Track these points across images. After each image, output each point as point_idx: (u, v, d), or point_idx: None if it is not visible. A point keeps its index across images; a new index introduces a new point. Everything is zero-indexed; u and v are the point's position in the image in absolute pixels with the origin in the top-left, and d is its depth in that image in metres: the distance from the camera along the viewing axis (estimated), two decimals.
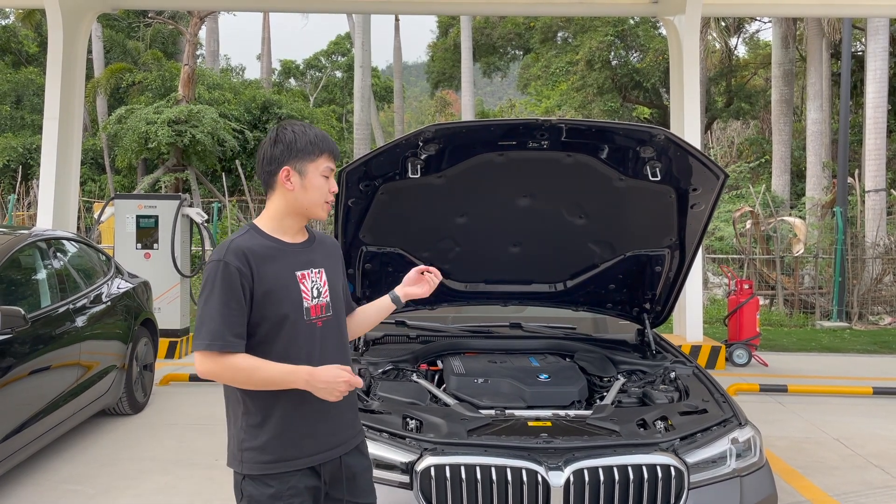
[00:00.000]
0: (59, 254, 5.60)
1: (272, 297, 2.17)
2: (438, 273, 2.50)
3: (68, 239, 5.98)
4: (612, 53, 23.80)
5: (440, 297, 4.56)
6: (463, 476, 2.91)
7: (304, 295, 2.23)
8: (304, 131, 2.25)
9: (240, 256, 2.15)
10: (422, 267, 2.51)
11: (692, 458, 3.02)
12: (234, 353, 2.11)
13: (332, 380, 2.12)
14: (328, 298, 2.30)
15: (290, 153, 2.22)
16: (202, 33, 24.01)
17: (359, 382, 2.16)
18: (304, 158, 2.22)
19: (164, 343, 8.22)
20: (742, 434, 3.21)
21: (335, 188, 2.29)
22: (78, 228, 11.47)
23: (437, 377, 4.10)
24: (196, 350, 2.13)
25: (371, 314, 2.55)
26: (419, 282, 2.49)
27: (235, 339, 2.12)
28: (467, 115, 23.91)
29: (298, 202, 2.24)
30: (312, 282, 2.26)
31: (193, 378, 7.34)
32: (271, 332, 2.19)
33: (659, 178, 3.73)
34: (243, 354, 2.13)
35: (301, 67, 38.22)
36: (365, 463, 2.41)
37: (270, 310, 2.17)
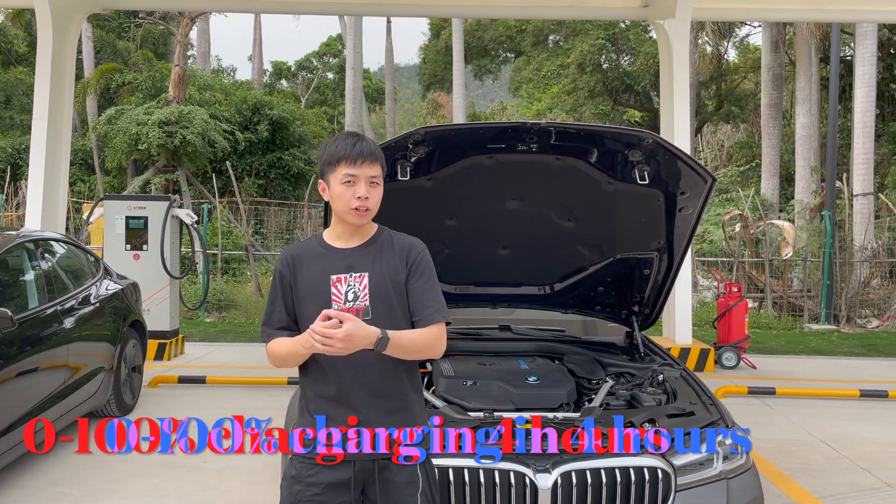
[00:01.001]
0: (47, 255, 5.58)
1: (304, 298, 2.35)
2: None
3: (56, 240, 5.95)
4: (604, 57, 23.90)
5: None
6: (451, 478, 2.92)
7: (334, 298, 2.31)
8: (331, 144, 2.35)
9: (285, 261, 2.40)
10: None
11: (679, 461, 3.04)
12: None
13: (310, 334, 2.13)
14: (367, 302, 2.31)
15: (321, 166, 2.38)
16: (193, 34, 23.94)
17: (331, 340, 2.08)
18: (327, 170, 2.34)
19: (153, 345, 8.20)
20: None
21: (362, 192, 2.28)
22: (67, 229, 11.42)
23: (426, 379, 4.10)
24: None
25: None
26: None
27: (277, 331, 2.37)
28: (459, 117, 23.94)
29: (335, 211, 2.36)
30: (349, 286, 2.32)
31: (182, 380, 7.33)
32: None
33: (647, 182, 3.76)
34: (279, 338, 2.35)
35: (292, 69, 38.18)
36: (405, 477, 2.32)
37: (303, 309, 2.34)
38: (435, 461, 2.92)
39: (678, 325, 8.52)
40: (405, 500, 2.32)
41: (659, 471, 2.96)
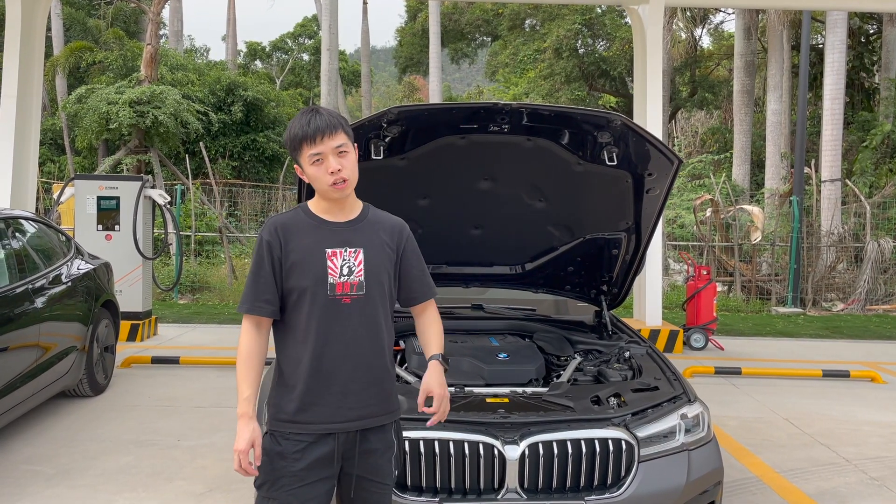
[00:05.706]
0: (17, 234, 5.53)
1: (296, 269, 2.31)
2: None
3: (27, 219, 5.90)
4: (580, 42, 23.94)
5: None
6: (422, 450, 2.99)
7: (329, 271, 2.31)
8: (290, 127, 2.33)
9: (273, 231, 2.34)
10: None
11: (642, 433, 3.13)
12: (261, 318, 2.33)
13: (235, 447, 2.26)
14: (361, 278, 2.34)
15: (289, 153, 2.38)
16: (165, 13, 23.55)
17: (245, 471, 2.25)
18: (295, 155, 2.35)
19: (125, 326, 8.16)
20: (691, 410, 3.33)
21: (333, 167, 2.28)
22: (37, 210, 11.24)
23: (399, 356, 4.17)
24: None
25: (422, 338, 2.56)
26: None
27: (262, 304, 2.32)
28: (435, 100, 23.89)
29: (317, 190, 2.37)
30: (344, 260, 2.33)
31: (155, 360, 7.32)
32: (295, 303, 2.33)
33: (616, 163, 3.83)
34: (261, 342, 2.34)
35: (267, 49, 37.72)
36: (386, 442, 2.40)
37: (294, 281, 2.31)
38: (407, 434, 3.00)
39: (649, 307, 8.67)
40: (383, 466, 2.40)
41: (623, 442, 3.05)
